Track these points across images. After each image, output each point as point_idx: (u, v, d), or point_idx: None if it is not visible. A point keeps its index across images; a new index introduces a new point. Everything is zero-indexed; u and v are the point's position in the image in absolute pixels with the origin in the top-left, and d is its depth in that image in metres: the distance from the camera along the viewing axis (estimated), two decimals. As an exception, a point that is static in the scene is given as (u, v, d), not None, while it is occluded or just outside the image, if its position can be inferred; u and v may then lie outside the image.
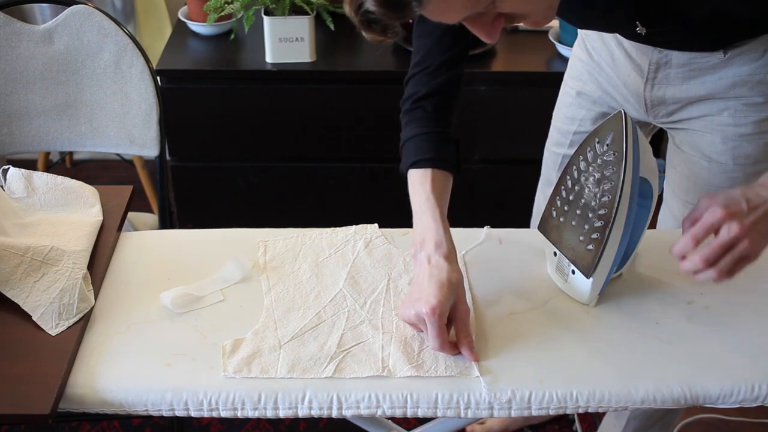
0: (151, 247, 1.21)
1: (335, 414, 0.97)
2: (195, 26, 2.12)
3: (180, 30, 2.16)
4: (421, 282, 1.02)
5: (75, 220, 1.18)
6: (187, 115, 2.06)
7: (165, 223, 1.70)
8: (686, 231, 0.99)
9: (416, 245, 1.07)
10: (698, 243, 0.97)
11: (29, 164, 1.53)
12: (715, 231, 0.97)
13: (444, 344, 1.00)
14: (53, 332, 1.01)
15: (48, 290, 1.04)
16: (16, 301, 1.04)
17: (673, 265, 1.17)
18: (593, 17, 1.17)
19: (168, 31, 2.34)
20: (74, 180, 1.24)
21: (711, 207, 0.97)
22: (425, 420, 1.22)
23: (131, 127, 1.58)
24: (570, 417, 1.94)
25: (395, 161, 1.17)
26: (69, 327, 1.02)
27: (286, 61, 1.98)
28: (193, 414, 0.97)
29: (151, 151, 1.60)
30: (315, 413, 0.97)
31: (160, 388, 0.96)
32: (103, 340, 1.03)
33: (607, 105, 1.39)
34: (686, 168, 1.33)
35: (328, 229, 1.23)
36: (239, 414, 0.97)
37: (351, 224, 1.25)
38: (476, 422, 1.83)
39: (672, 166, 1.38)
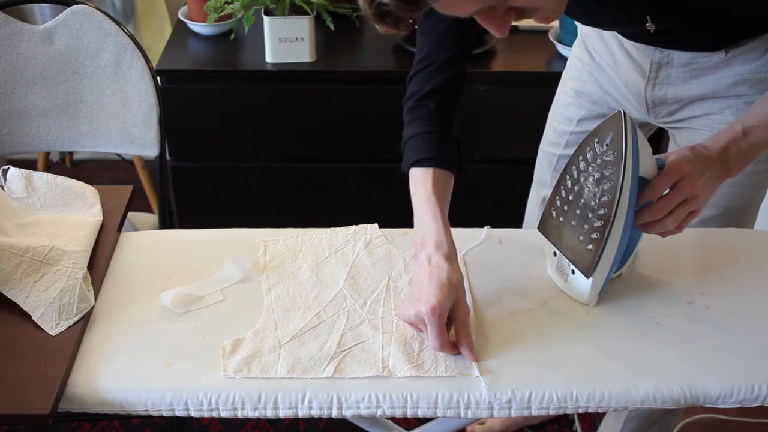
0: (151, 247, 1.21)
1: (335, 414, 0.97)
2: (195, 26, 2.12)
3: (180, 30, 2.16)
4: (422, 282, 1.02)
5: (75, 220, 1.18)
6: (187, 115, 2.06)
7: (165, 223, 1.70)
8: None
9: (417, 245, 1.07)
10: (657, 196, 1.04)
11: (29, 164, 1.53)
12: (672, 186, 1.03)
13: (444, 344, 1.00)
14: (53, 332, 1.01)
15: (48, 290, 1.04)
16: (16, 301, 1.04)
17: (674, 265, 1.18)
18: (602, 14, 1.17)
19: (168, 31, 2.34)
20: (74, 180, 1.24)
21: (669, 162, 1.03)
22: (425, 420, 1.22)
23: (131, 127, 1.58)
24: (570, 417, 1.94)
25: (395, 161, 1.17)
26: (69, 327, 1.02)
27: (286, 61, 1.98)
28: (193, 414, 0.97)
29: (151, 151, 1.60)
30: (315, 413, 0.97)
31: (160, 388, 0.96)
32: (103, 340, 1.03)
33: (608, 105, 1.39)
34: None
35: (328, 229, 1.23)
36: (239, 414, 0.97)
37: (351, 224, 1.25)
38: (476, 422, 1.83)
39: None
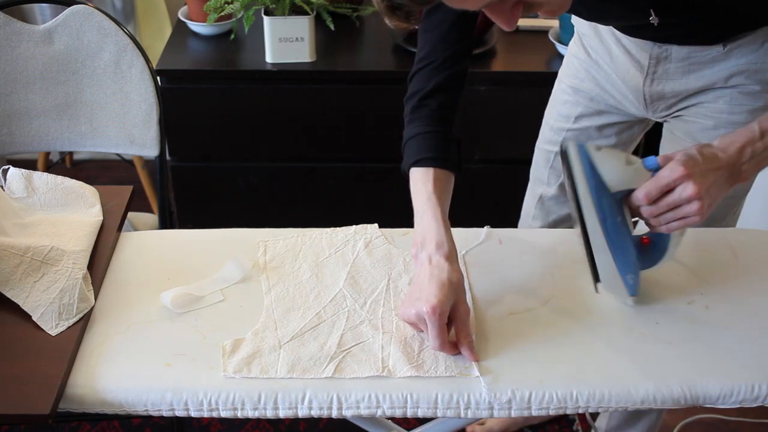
0: (151, 247, 1.21)
1: (335, 414, 0.97)
2: (195, 26, 2.12)
3: (180, 30, 2.16)
4: (422, 282, 1.02)
5: (75, 220, 1.18)
6: (187, 115, 2.06)
7: (165, 223, 1.70)
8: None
9: (417, 245, 1.07)
10: (651, 201, 0.98)
11: (29, 164, 1.53)
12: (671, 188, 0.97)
13: (444, 344, 1.00)
14: (53, 332, 1.01)
15: (48, 290, 1.04)
16: (16, 301, 1.04)
17: (673, 265, 1.17)
18: (606, 8, 1.16)
19: (168, 31, 2.34)
20: (74, 180, 1.24)
21: (670, 164, 0.97)
22: (425, 420, 1.22)
23: (131, 127, 1.58)
24: (570, 417, 1.94)
25: (395, 161, 1.17)
26: (69, 327, 1.02)
27: (286, 61, 1.98)
28: (193, 414, 0.97)
29: (151, 151, 1.60)
30: (315, 413, 0.97)
31: (160, 388, 0.96)
32: (103, 340, 1.03)
33: (605, 102, 1.39)
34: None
35: (328, 229, 1.23)
36: (239, 414, 0.97)
37: (351, 224, 1.25)
38: (476, 422, 1.83)
39: (664, 153, 1.38)
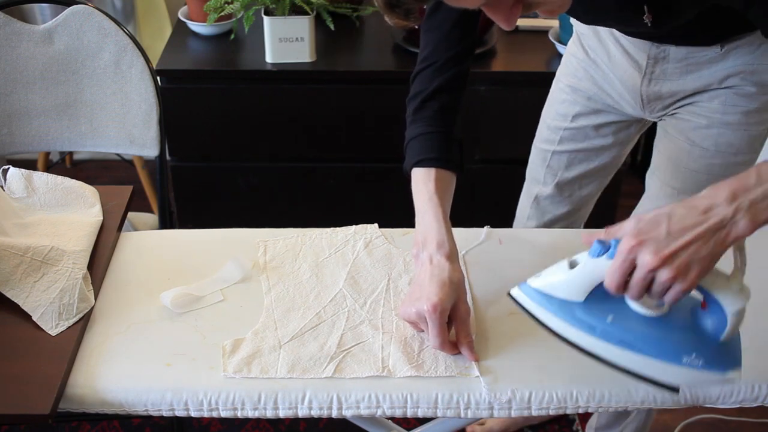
0: (151, 247, 1.21)
1: (335, 414, 0.97)
2: (195, 26, 2.12)
3: (180, 30, 2.16)
4: (423, 281, 1.02)
5: (75, 220, 1.18)
6: (187, 115, 2.06)
7: (165, 223, 1.70)
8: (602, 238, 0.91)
9: (418, 245, 1.07)
10: (620, 284, 0.88)
11: (29, 164, 1.53)
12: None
13: (444, 343, 1.00)
14: (53, 332, 1.01)
15: (48, 290, 1.04)
16: (16, 301, 1.04)
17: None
18: (602, 7, 1.16)
19: (168, 31, 2.34)
20: (74, 180, 1.24)
21: (623, 239, 0.87)
22: (425, 420, 1.22)
23: (131, 127, 1.58)
24: (570, 417, 1.94)
25: (395, 161, 1.17)
26: (69, 327, 1.02)
27: (286, 61, 1.98)
28: (193, 414, 0.97)
29: (151, 151, 1.60)
30: (315, 413, 0.97)
31: (160, 388, 0.96)
32: (103, 340, 1.03)
33: (602, 102, 1.39)
34: (669, 150, 1.35)
35: (328, 229, 1.23)
36: (239, 414, 0.97)
37: (351, 224, 1.25)
38: (476, 422, 1.83)
39: (657, 151, 1.40)
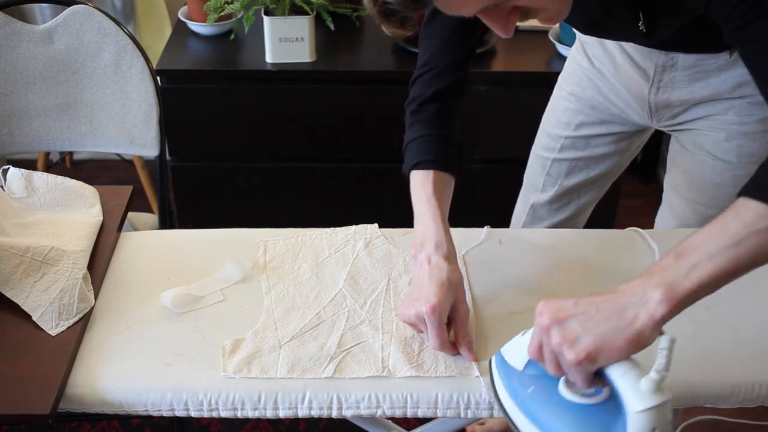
0: (151, 247, 1.21)
1: (335, 414, 0.97)
2: (195, 26, 2.12)
3: (180, 30, 2.16)
4: (421, 282, 1.02)
5: (75, 220, 1.18)
6: (187, 115, 2.06)
7: (165, 223, 1.70)
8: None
9: (416, 246, 1.07)
10: (534, 350, 0.87)
11: (29, 164, 1.53)
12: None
13: (444, 344, 1.00)
14: (53, 332, 1.01)
15: (48, 290, 1.04)
16: (16, 301, 1.04)
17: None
18: (598, 18, 1.15)
19: (168, 31, 2.34)
20: (74, 180, 1.24)
21: (538, 317, 0.87)
22: (425, 420, 1.22)
23: (131, 127, 1.58)
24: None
25: (395, 161, 1.17)
26: (69, 327, 1.02)
27: (286, 61, 1.98)
28: (193, 414, 0.97)
29: (151, 151, 1.60)
30: (315, 413, 0.97)
31: (160, 388, 0.96)
32: (103, 340, 1.03)
33: (607, 111, 1.38)
34: (690, 166, 1.32)
35: (328, 229, 1.23)
36: (239, 414, 0.97)
37: (351, 224, 1.25)
38: (476, 422, 1.83)
39: (675, 165, 1.37)
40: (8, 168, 1.23)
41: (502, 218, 1.58)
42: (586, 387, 0.85)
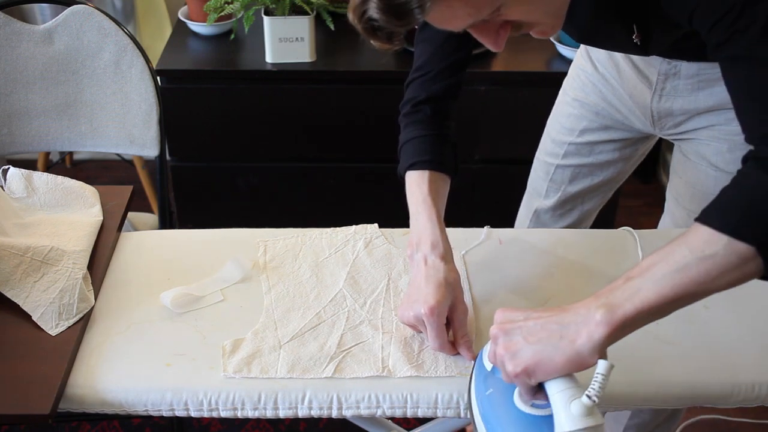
0: (151, 247, 1.21)
1: (335, 414, 0.97)
2: (195, 26, 2.12)
3: (180, 30, 2.16)
4: (419, 283, 1.02)
5: (75, 220, 1.18)
6: (187, 115, 2.06)
7: (165, 223, 1.70)
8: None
9: (412, 246, 1.07)
10: (491, 354, 0.88)
11: (29, 164, 1.53)
12: None
13: (444, 344, 1.00)
14: (53, 332, 1.01)
15: (48, 290, 1.04)
16: (16, 301, 1.04)
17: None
18: (593, 29, 1.13)
19: (168, 31, 2.34)
20: (74, 180, 1.24)
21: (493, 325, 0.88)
22: (425, 420, 1.22)
23: (131, 127, 1.58)
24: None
25: (395, 161, 1.17)
26: (69, 327, 1.02)
27: (286, 61, 1.98)
28: (193, 414, 0.97)
29: (151, 151, 1.60)
30: (315, 413, 0.97)
31: (160, 388, 0.96)
32: (103, 340, 1.03)
33: (611, 117, 1.37)
34: (692, 176, 1.30)
35: (328, 229, 1.23)
36: (239, 414, 0.97)
37: (351, 224, 1.25)
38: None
39: (677, 175, 1.35)
40: (8, 168, 1.23)
41: (502, 218, 1.58)
42: (530, 398, 0.86)
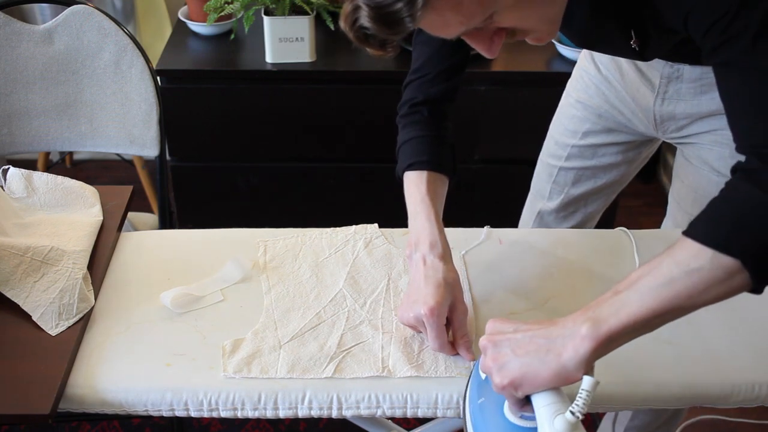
0: (151, 247, 1.21)
1: (335, 414, 0.97)
2: (195, 26, 2.12)
3: (180, 30, 2.16)
4: (418, 283, 1.02)
5: (75, 220, 1.18)
6: (187, 115, 2.06)
7: (165, 223, 1.70)
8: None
9: (411, 246, 1.07)
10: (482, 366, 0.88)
11: (29, 164, 1.53)
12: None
13: (444, 345, 1.00)
14: (53, 332, 1.01)
15: (48, 290, 1.04)
16: (16, 301, 1.04)
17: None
18: (591, 34, 1.12)
19: (168, 31, 2.34)
20: (74, 180, 1.24)
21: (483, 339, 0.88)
22: (425, 420, 1.22)
23: (131, 127, 1.58)
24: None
25: (395, 161, 1.17)
26: (69, 327, 1.02)
27: (286, 61, 1.98)
28: (193, 414, 0.97)
29: (151, 151, 1.60)
30: (315, 413, 0.97)
31: (160, 388, 0.96)
32: (103, 340, 1.03)
33: (614, 119, 1.36)
34: (694, 181, 1.30)
35: (328, 229, 1.23)
36: (239, 414, 0.97)
37: (351, 224, 1.25)
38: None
39: (679, 178, 1.35)
40: (8, 168, 1.23)
41: (502, 218, 1.58)
42: (518, 410, 0.86)
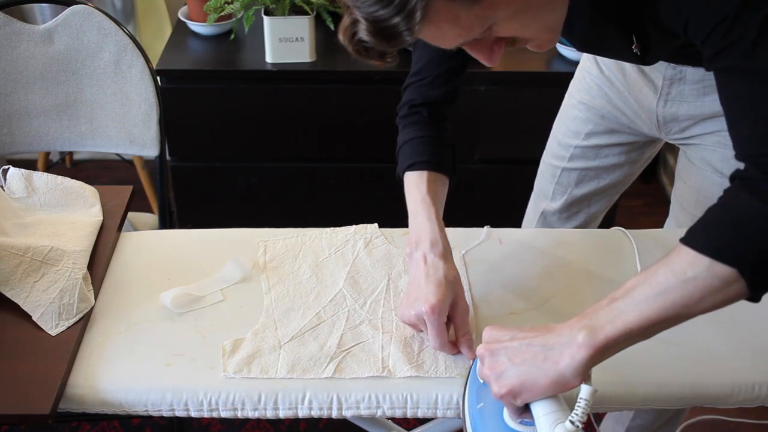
0: (151, 247, 1.21)
1: (335, 414, 0.97)
2: (195, 26, 2.12)
3: (180, 30, 2.16)
4: (419, 282, 1.02)
5: (75, 220, 1.18)
6: (187, 115, 2.06)
7: (165, 223, 1.70)
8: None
9: (411, 245, 1.07)
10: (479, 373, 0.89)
11: (29, 164, 1.53)
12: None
13: (444, 343, 1.00)
14: (53, 332, 1.01)
15: (48, 290, 1.04)
16: (16, 301, 1.04)
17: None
18: (592, 38, 1.12)
19: (168, 31, 2.34)
20: (74, 180, 1.24)
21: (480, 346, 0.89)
22: (425, 420, 1.22)
23: (131, 127, 1.58)
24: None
25: (395, 161, 1.17)
26: (69, 327, 1.02)
27: (286, 61, 1.98)
28: (193, 414, 0.97)
29: (151, 151, 1.60)
30: (315, 413, 0.97)
31: (160, 388, 0.96)
32: (103, 340, 1.03)
33: (616, 120, 1.36)
34: (697, 182, 1.30)
35: (328, 229, 1.23)
36: (239, 414, 0.97)
37: (351, 224, 1.25)
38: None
39: (681, 179, 1.35)
40: (8, 168, 1.23)
41: (502, 218, 1.58)
42: (517, 417, 0.86)
